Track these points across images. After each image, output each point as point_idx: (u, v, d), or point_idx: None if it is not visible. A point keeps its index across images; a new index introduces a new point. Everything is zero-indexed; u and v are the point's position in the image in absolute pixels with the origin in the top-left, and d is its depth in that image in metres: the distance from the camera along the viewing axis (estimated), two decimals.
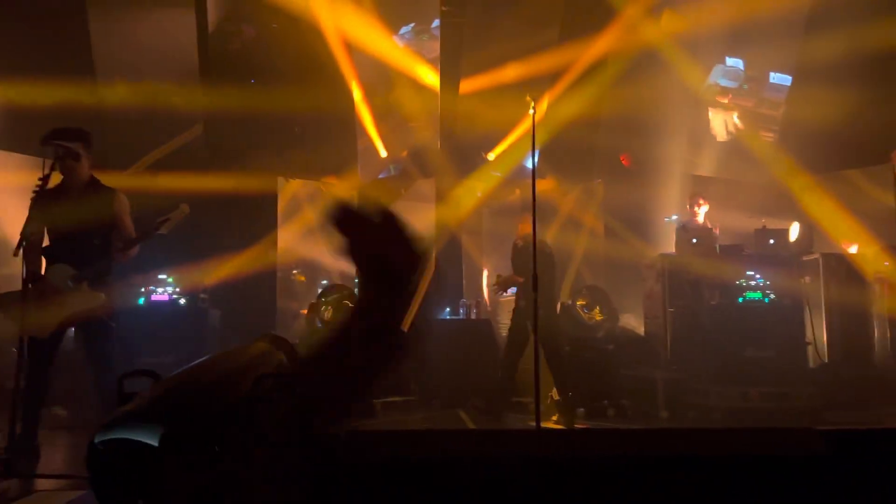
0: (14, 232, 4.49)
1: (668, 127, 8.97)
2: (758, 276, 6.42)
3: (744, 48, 9.39)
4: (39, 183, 4.13)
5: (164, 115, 7.46)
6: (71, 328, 4.65)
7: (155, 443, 1.58)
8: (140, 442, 1.65)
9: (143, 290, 6.43)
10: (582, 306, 7.22)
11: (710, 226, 7.27)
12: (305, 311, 7.43)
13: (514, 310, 6.29)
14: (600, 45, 8.39)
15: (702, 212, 7.22)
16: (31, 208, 4.28)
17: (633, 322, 7.79)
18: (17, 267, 4.14)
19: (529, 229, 6.40)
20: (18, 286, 3.99)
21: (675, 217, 8.21)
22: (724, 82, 9.58)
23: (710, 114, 9.69)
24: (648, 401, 6.18)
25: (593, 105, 8.48)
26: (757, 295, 6.35)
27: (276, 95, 8.11)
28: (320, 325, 6.76)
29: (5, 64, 7.07)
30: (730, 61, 9.61)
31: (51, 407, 5.52)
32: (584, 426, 5.72)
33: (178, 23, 7.92)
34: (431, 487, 1.43)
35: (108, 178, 4.69)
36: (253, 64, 8.63)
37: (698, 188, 8.07)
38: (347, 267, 10.16)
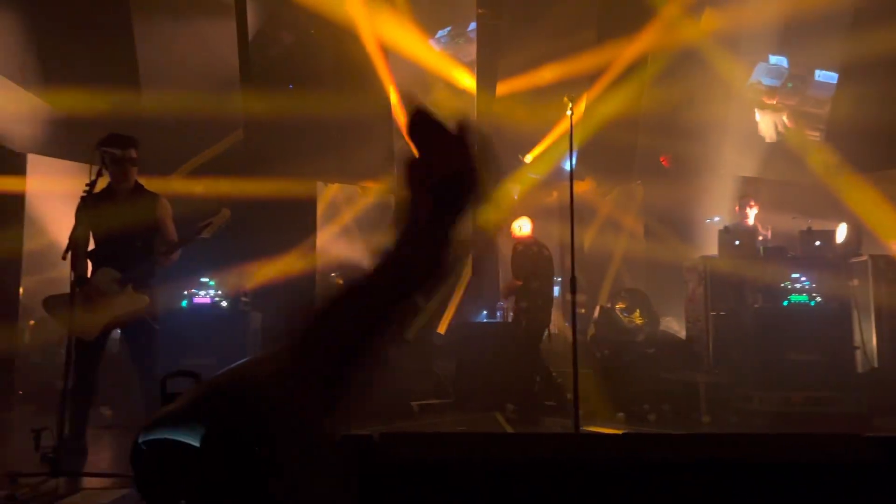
0: (64, 236, 4.63)
1: (709, 127, 8.82)
2: (804, 278, 6.26)
3: (788, 45, 9.18)
4: (86, 188, 4.24)
5: (205, 121, 7.60)
6: (117, 330, 4.76)
7: (196, 443, 1.61)
8: (182, 442, 1.68)
9: (185, 292, 6.56)
10: (622, 309, 7.14)
11: (760, 228, 7.12)
12: None
13: (514, 314, 6.29)
14: (639, 44, 8.29)
15: (752, 214, 7.08)
16: (78, 213, 4.41)
17: (675, 325, 7.67)
18: (65, 270, 4.25)
19: (525, 233, 6.37)
20: (67, 289, 4.09)
21: (717, 219, 8.05)
22: (767, 81, 9.38)
23: (758, 115, 9.49)
24: (690, 405, 6.08)
25: (632, 105, 8.38)
26: (803, 298, 6.20)
27: (314, 100, 8.20)
28: None
29: (55, 74, 7.31)
30: (773, 59, 9.41)
31: (97, 407, 5.68)
32: (625, 431, 5.65)
33: (219, 31, 8.08)
34: (466, 491, 1.42)
35: (151, 184, 4.80)
36: (291, 70, 8.74)
37: (748, 190, 7.90)
38: None
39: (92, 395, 4.55)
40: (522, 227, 6.63)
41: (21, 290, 7.04)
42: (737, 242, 6.88)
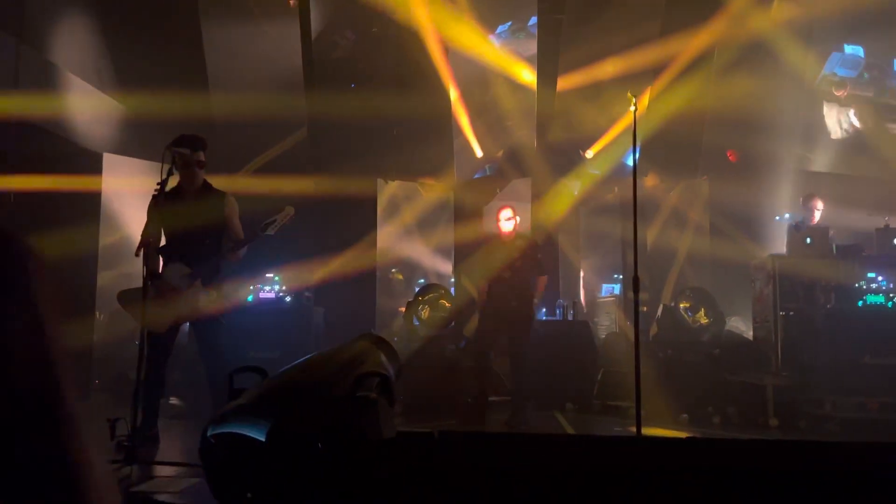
0: (137, 233, 4.82)
1: (779, 121, 8.51)
2: (880, 278, 5.99)
3: (864, 34, 8.77)
4: (157, 187, 4.40)
5: (270, 120, 7.79)
6: (186, 324, 4.93)
7: (262, 438, 1.66)
8: (249, 436, 1.74)
9: (251, 287, 6.74)
10: (685, 308, 6.97)
11: (826, 226, 6.85)
12: (403, 310, 7.57)
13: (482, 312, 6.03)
14: (705, 36, 8.05)
15: (818, 211, 6.81)
16: (150, 211, 4.57)
17: (741, 326, 7.44)
18: (139, 265, 4.42)
19: (508, 229, 5.94)
20: (140, 283, 4.25)
21: (787, 216, 7.77)
22: (841, 72, 8.99)
23: (825, 108, 9.12)
24: (756, 408, 5.89)
25: (698, 99, 8.15)
26: (879, 299, 5.92)
27: (375, 98, 8.31)
28: (417, 324, 6.86)
29: (129, 78, 7.61)
30: (848, 49, 9.01)
31: (168, 398, 5.90)
32: (688, 434, 5.52)
33: (284, 32, 8.27)
34: (523, 492, 1.42)
35: (218, 182, 4.94)
36: (353, 68, 8.87)
37: (813, 186, 7.61)
38: (444, 266, 10.30)
39: (162, 387, 4.72)
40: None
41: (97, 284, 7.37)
42: (808, 240, 6.63)
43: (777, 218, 8.11)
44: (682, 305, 6.96)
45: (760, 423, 5.78)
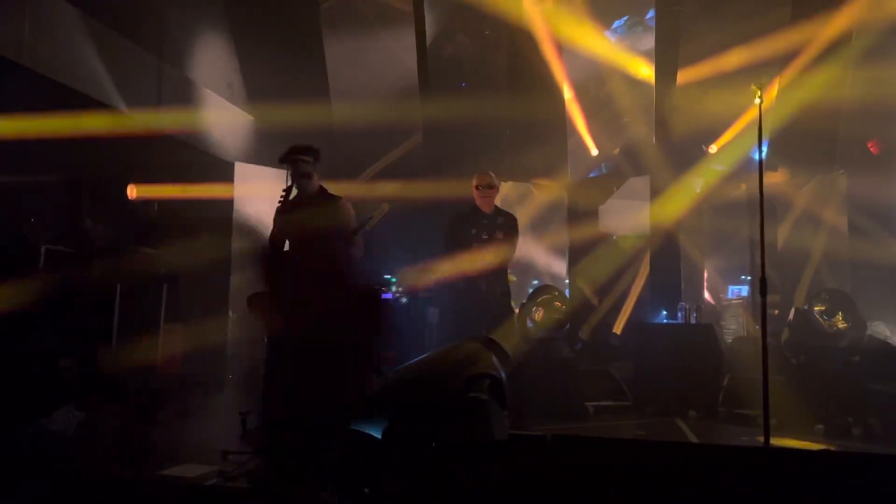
0: (267, 238, 5.09)
1: None
2: None
3: None
4: (282, 195, 4.62)
5: (387, 126, 8.02)
6: None
7: (379, 435, 1.72)
8: (366, 433, 1.80)
9: None
10: (821, 312, 6.51)
11: None
12: (517, 311, 7.55)
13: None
14: (841, 19, 7.48)
15: None
16: (275, 218, 4.81)
17: (885, 331, 6.86)
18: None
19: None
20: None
21: None
22: None
23: None
24: None
25: (834, 88, 7.59)
26: None
27: (489, 100, 8.35)
28: (531, 325, 6.82)
29: (258, 90, 8.09)
30: None
31: None
32: (822, 447, 5.15)
33: (400, 39, 8.49)
34: (638, 499, 1.38)
35: (338, 188, 5.12)
36: (467, 71, 8.97)
37: None
38: (558, 267, 10.18)
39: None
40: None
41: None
42: None
43: None
44: (816, 309, 6.50)
45: None
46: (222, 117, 7.95)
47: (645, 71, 8.92)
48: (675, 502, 1.41)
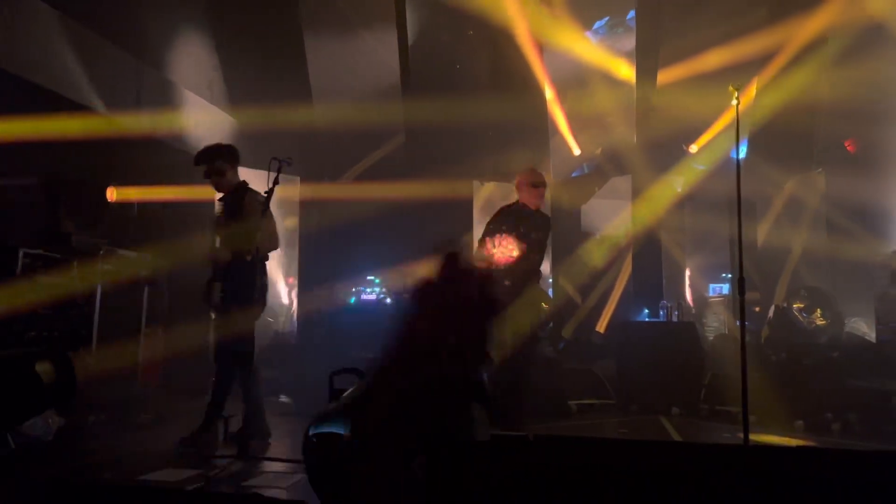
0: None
1: None
2: None
3: None
4: (265, 195, 4.61)
5: (369, 127, 8.01)
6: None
7: (358, 438, 1.72)
8: (346, 436, 1.80)
9: (353, 290, 6.95)
10: (800, 309, 6.59)
11: None
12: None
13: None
14: (818, 21, 7.58)
15: None
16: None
17: (863, 327, 6.96)
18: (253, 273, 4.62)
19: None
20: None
21: None
22: None
23: None
24: (881, 416, 5.48)
25: (811, 88, 7.69)
26: None
27: (471, 101, 8.36)
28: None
29: (239, 91, 8.03)
30: None
31: (279, 395, 6.18)
32: (800, 443, 5.21)
33: (382, 40, 8.47)
34: (621, 498, 1.39)
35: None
36: (449, 71, 8.97)
37: None
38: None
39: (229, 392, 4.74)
40: None
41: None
42: None
43: None
44: (796, 306, 6.59)
45: (886, 433, 5.38)
46: (202, 118, 7.89)
47: (626, 71, 8.97)
48: (657, 500, 1.42)
